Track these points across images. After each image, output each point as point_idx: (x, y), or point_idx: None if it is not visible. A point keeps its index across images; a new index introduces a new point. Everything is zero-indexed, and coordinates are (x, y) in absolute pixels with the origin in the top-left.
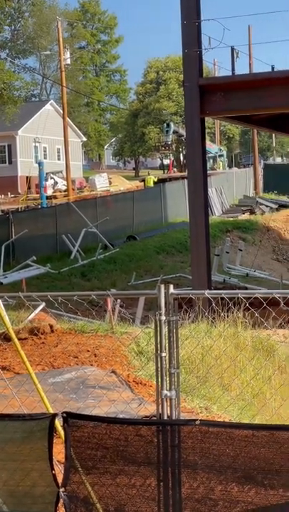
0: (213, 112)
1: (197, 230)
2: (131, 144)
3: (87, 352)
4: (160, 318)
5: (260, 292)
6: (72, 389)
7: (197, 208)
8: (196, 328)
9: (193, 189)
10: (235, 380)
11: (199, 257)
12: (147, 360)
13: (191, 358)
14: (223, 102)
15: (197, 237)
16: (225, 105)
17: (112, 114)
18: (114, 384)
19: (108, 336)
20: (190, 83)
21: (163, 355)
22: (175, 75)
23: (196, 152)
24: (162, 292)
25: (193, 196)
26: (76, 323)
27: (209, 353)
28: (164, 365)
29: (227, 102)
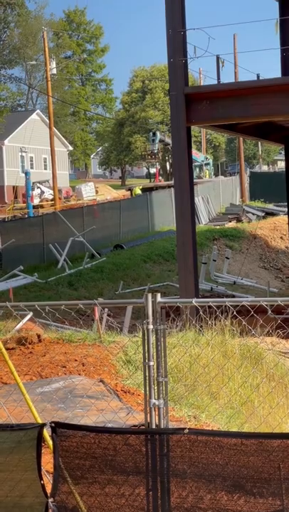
0: (199, 121)
1: (184, 238)
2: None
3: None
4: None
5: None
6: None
7: (184, 217)
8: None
9: (179, 198)
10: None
11: (186, 265)
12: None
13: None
14: (209, 111)
15: (184, 245)
16: (210, 114)
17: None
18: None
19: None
20: (176, 92)
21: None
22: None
23: (182, 161)
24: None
25: (180, 205)
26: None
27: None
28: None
29: (213, 111)
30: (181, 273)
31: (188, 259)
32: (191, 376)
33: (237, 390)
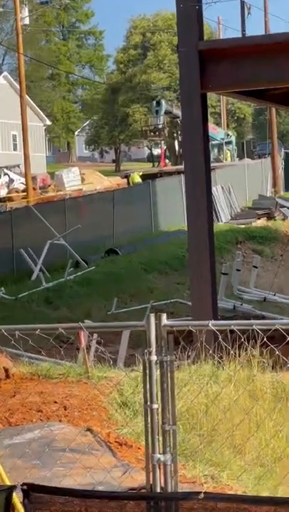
0: (218, 86)
1: (198, 241)
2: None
3: (55, 404)
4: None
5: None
6: (35, 453)
7: (197, 212)
8: (198, 370)
9: (192, 187)
10: (251, 440)
11: (201, 276)
12: (134, 414)
13: (192, 411)
14: (231, 73)
15: (198, 250)
16: (233, 77)
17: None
18: (91, 446)
19: (82, 382)
20: (187, 48)
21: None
22: (167, 37)
23: (195, 139)
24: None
25: (193, 197)
26: (39, 365)
27: (216, 403)
28: (155, 421)
29: (235, 73)
30: (195, 287)
31: (204, 269)
32: (207, 423)
33: (269, 442)
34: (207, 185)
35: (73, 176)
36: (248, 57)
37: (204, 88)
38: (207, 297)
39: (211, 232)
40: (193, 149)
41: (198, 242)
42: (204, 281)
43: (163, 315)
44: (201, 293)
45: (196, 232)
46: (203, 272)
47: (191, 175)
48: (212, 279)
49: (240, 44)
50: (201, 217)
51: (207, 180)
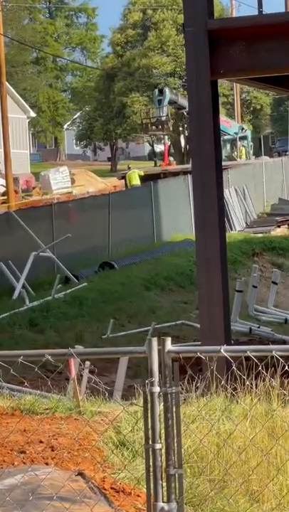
0: (231, 72)
1: (207, 252)
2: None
3: (40, 444)
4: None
5: None
6: (17, 501)
7: (207, 220)
8: (209, 404)
9: (200, 190)
10: (270, 486)
11: (211, 294)
12: (133, 456)
13: (201, 452)
14: (246, 57)
15: (208, 263)
16: (248, 61)
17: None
18: (83, 493)
19: (72, 418)
20: (194, 27)
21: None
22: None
23: (204, 133)
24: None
25: (201, 201)
26: (22, 398)
27: (229, 443)
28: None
29: (251, 57)
30: (204, 306)
31: (215, 286)
32: (219, 466)
33: None
34: (218, 188)
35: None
36: (265, 39)
37: (215, 74)
38: (218, 319)
39: (223, 242)
40: (201, 145)
41: (208, 254)
42: (215, 299)
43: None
44: (212, 314)
45: (206, 243)
46: (214, 289)
47: (200, 175)
48: (224, 298)
49: (256, 23)
50: (212, 225)
51: (218, 181)
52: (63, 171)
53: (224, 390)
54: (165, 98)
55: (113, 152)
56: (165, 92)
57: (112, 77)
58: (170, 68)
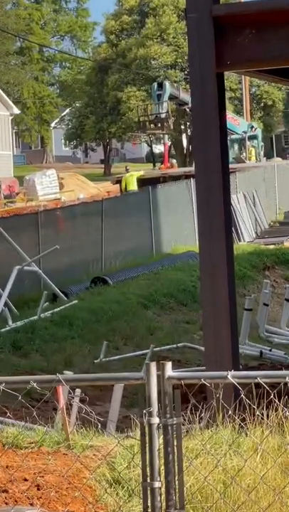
0: (239, 63)
1: (213, 267)
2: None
3: (25, 482)
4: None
5: None
6: None
7: (212, 229)
8: (214, 437)
9: (205, 196)
10: None
11: (217, 313)
12: (129, 495)
13: (206, 491)
14: (256, 46)
15: (213, 279)
16: (258, 51)
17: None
18: None
19: (60, 452)
20: (198, 13)
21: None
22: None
23: (209, 132)
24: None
25: (206, 208)
26: (4, 431)
27: (237, 480)
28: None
29: (262, 46)
30: (209, 327)
31: (221, 303)
32: (226, 507)
33: None
34: (225, 194)
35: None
36: (278, 26)
37: (221, 66)
38: (225, 340)
39: (230, 255)
40: (206, 146)
41: (214, 268)
42: (221, 319)
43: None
44: (218, 335)
45: (211, 256)
46: (220, 307)
47: (204, 179)
48: (232, 317)
49: (268, 8)
50: (217, 235)
51: (225, 186)
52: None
53: (232, 420)
54: (165, 93)
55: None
56: (165, 85)
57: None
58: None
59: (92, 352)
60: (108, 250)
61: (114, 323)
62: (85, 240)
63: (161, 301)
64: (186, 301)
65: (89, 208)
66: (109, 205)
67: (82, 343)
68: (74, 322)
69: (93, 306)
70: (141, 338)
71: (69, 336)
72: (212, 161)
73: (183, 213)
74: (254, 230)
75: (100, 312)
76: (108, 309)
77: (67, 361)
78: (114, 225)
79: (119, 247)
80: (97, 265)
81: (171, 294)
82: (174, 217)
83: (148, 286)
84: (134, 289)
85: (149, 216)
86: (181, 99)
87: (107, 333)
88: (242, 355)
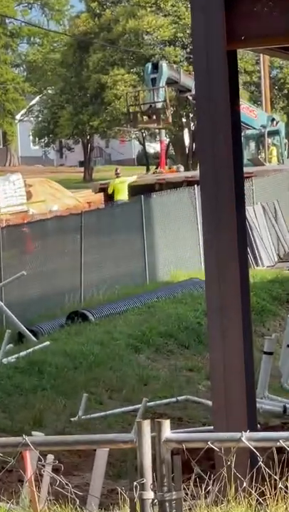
0: (255, 38)
1: (223, 298)
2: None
3: None
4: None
5: None
6: None
7: (222, 250)
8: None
9: (212, 208)
10: None
11: (228, 357)
12: None
13: None
14: (277, 17)
15: (223, 314)
16: (280, 22)
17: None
18: None
19: None
20: None
21: None
22: None
23: (218, 126)
24: (147, 437)
25: (214, 224)
26: None
27: None
28: None
29: (285, 16)
30: (218, 375)
31: (233, 345)
32: None
33: None
34: (238, 205)
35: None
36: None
37: (233, 42)
38: (238, 393)
39: (245, 283)
40: (214, 144)
41: (224, 300)
42: (234, 365)
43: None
44: (229, 386)
45: (220, 284)
46: (232, 350)
47: (211, 187)
48: (247, 363)
49: None
50: (229, 258)
51: (238, 195)
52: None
53: (247, 495)
54: (161, 76)
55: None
56: (161, 67)
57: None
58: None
59: (68, 407)
60: (89, 277)
61: (96, 371)
62: (60, 264)
63: (157, 342)
64: (188, 342)
65: (64, 223)
66: (90, 220)
67: (55, 396)
68: (45, 369)
69: (70, 348)
70: (131, 390)
71: (39, 387)
72: (222, 164)
73: (184, 230)
74: (275, 252)
75: (79, 356)
76: (89, 353)
77: (37, 419)
78: (97, 246)
79: (102, 273)
80: (75, 296)
81: (169, 334)
82: (173, 235)
83: (140, 324)
84: (122, 327)
85: (142, 234)
86: (182, 84)
87: (87, 384)
88: (260, 412)
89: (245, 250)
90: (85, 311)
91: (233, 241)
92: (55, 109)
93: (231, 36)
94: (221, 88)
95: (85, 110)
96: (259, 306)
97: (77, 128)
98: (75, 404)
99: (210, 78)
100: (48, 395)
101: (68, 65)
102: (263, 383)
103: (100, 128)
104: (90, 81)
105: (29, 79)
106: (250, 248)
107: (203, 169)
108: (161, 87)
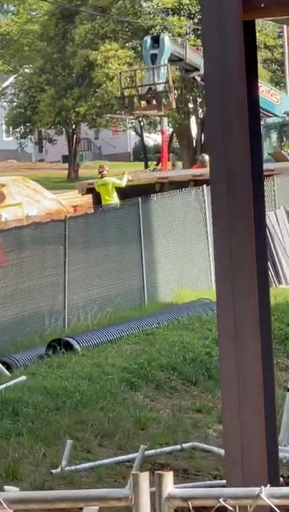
0: (278, 6)
1: (237, 323)
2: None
3: None
4: None
5: None
6: None
7: (237, 265)
8: None
9: (224, 213)
10: None
11: (244, 396)
12: None
13: None
14: None
15: (237, 343)
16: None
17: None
18: None
19: None
20: None
21: None
22: None
23: (232, 114)
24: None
25: (227, 233)
26: None
27: None
28: None
29: None
30: (231, 417)
31: (250, 381)
32: None
33: None
34: (257, 209)
35: None
36: None
37: (251, 10)
38: (257, 439)
39: (264, 305)
40: (226, 135)
41: (239, 326)
42: (251, 406)
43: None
44: (245, 430)
45: (235, 307)
46: (249, 387)
47: (224, 188)
48: (268, 402)
49: None
50: (245, 274)
51: (256, 198)
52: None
53: None
54: (163, 52)
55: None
56: (163, 41)
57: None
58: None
59: (48, 456)
60: (74, 297)
61: (83, 412)
62: (39, 281)
63: (158, 377)
64: (195, 377)
65: (45, 231)
66: (76, 228)
67: (33, 443)
68: (21, 410)
69: (51, 384)
70: (126, 436)
71: (13, 432)
72: (236, 159)
73: (191, 240)
74: None
75: (62, 394)
76: (74, 390)
77: (10, 471)
78: (84, 259)
79: (91, 292)
80: (57, 320)
81: (172, 367)
82: (177, 247)
83: (137, 355)
84: (114, 359)
85: (139, 244)
86: (189, 61)
87: (72, 428)
88: (283, 462)
89: (266, 264)
90: (70, 339)
91: (251, 253)
92: (33, 91)
93: (249, 3)
94: (235, 67)
95: (70, 93)
96: (282, 333)
97: (60, 115)
98: (57, 452)
99: (222, 54)
100: (24, 441)
101: (49, 38)
102: (287, 427)
103: (88, 115)
104: (75, 58)
105: (1, 55)
106: (272, 262)
107: (214, 166)
108: (163, 66)
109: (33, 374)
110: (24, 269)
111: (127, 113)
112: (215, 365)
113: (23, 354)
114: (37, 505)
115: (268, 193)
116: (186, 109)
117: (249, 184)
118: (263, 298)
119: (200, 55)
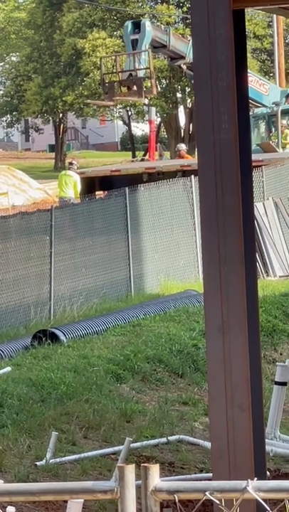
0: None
1: (224, 315)
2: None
3: None
4: None
5: None
6: None
7: (224, 256)
8: None
9: (212, 204)
10: None
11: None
12: None
13: None
14: None
15: (225, 334)
16: None
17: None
18: None
19: None
20: None
21: None
22: None
23: (220, 103)
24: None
25: (214, 223)
26: None
27: None
28: None
29: None
30: (218, 410)
31: (237, 373)
32: None
33: None
34: (245, 200)
35: None
36: None
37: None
38: (243, 431)
39: (252, 297)
40: (214, 125)
41: (226, 317)
42: (237, 398)
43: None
44: (232, 423)
45: (222, 298)
46: (236, 379)
47: (211, 178)
48: (255, 395)
49: None
50: (232, 266)
51: (245, 189)
52: None
53: None
54: (144, 37)
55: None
56: (144, 26)
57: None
58: None
59: (33, 448)
60: (60, 288)
61: (68, 404)
62: (24, 271)
63: (144, 369)
64: (182, 369)
65: (31, 221)
66: (62, 218)
67: (17, 435)
68: (5, 401)
69: (36, 376)
70: (111, 428)
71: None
72: (224, 150)
73: (179, 231)
74: None
75: (47, 386)
76: (60, 382)
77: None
78: (70, 249)
79: (77, 283)
80: (43, 311)
81: (159, 359)
82: (164, 238)
83: (123, 346)
84: (100, 350)
85: (126, 235)
86: (172, 49)
87: (57, 420)
88: (270, 455)
89: (254, 256)
90: (55, 330)
91: (239, 245)
92: (20, 80)
93: None
94: (224, 56)
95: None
96: (270, 325)
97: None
98: (41, 444)
99: (211, 43)
100: (9, 433)
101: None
102: (274, 420)
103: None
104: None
105: None
106: (260, 254)
107: (202, 156)
108: (144, 51)
109: (18, 365)
110: (10, 259)
111: (107, 99)
112: (202, 357)
113: (8, 345)
114: (22, 498)
115: (257, 184)
116: (174, 99)
117: (237, 175)
118: (251, 290)
119: (185, 42)
